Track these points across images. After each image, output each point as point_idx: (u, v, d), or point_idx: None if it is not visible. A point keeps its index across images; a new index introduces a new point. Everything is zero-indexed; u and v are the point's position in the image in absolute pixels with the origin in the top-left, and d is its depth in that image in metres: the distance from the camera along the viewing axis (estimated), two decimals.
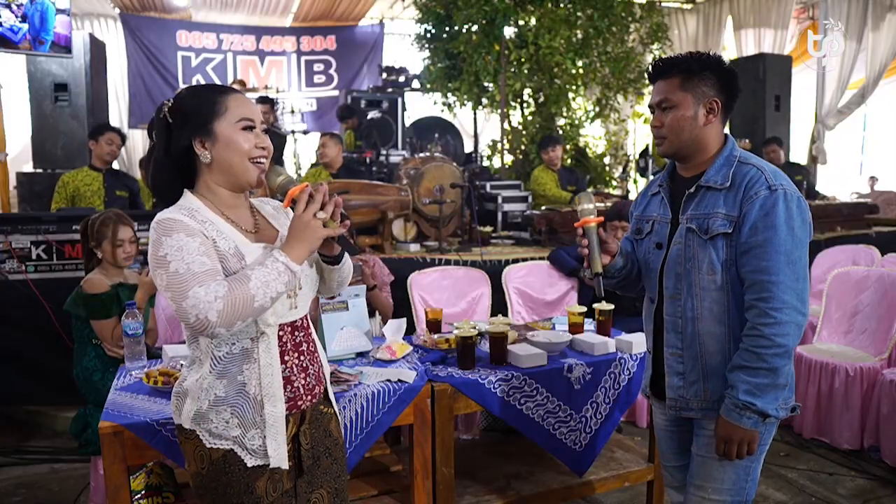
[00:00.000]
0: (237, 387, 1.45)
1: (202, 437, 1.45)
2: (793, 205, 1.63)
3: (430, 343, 2.65)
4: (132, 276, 2.88)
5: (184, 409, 1.47)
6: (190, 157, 1.49)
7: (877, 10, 7.61)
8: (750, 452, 1.67)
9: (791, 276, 1.61)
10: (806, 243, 1.66)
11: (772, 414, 1.64)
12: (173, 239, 1.37)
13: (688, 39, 9.88)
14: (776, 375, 1.62)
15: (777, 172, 1.69)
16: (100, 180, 4.38)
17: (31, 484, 3.17)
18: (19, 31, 4.64)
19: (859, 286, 3.73)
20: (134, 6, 9.31)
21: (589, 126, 7.96)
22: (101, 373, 2.74)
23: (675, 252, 1.77)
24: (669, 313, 1.79)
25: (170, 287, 1.35)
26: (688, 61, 1.71)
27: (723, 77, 1.73)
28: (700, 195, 1.74)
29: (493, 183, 6.07)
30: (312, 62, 10.22)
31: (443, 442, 2.30)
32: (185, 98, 1.49)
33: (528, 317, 3.91)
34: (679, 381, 1.79)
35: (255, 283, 1.36)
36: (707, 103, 1.72)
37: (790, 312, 1.60)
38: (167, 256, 1.36)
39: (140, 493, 2.24)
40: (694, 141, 1.74)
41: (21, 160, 7.85)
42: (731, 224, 1.67)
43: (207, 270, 1.36)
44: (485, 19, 7.01)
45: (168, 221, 1.40)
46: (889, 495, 3.01)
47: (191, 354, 1.50)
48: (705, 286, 1.72)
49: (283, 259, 1.40)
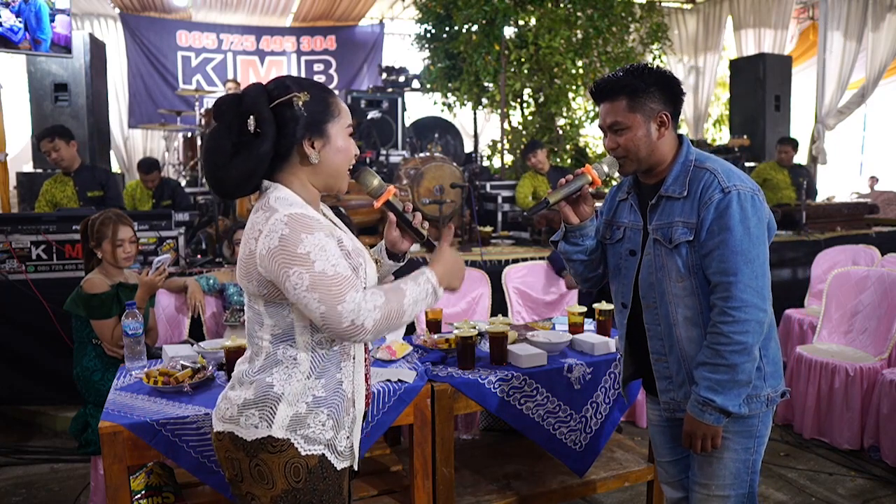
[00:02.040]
0: (335, 385, 1.44)
1: (297, 444, 1.38)
2: (747, 204, 1.65)
3: (430, 343, 2.65)
4: (132, 276, 2.88)
5: (277, 417, 1.38)
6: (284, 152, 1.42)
7: (877, 10, 7.60)
8: (714, 447, 1.71)
9: (749, 275, 1.63)
10: (764, 240, 1.68)
11: (732, 410, 1.66)
12: (315, 237, 1.33)
13: (688, 39, 9.88)
14: (735, 372, 1.64)
15: (731, 172, 1.71)
16: (70, 185, 4.31)
17: (31, 484, 3.17)
18: (19, 31, 4.64)
19: (859, 286, 3.73)
20: (134, 6, 9.31)
21: (589, 126, 7.96)
22: (101, 373, 2.74)
23: (646, 262, 1.81)
24: (649, 321, 1.83)
25: (317, 287, 1.30)
26: (632, 81, 1.72)
27: (666, 88, 1.73)
28: (661, 205, 1.77)
29: (493, 183, 6.08)
30: (312, 62, 10.23)
31: (443, 442, 2.30)
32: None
33: (528, 317, 3.91)
34: (668, 385, 1.83)
35: (408, 300, 1.39)
36: (657, 118, 1.73)
37: (749, 310, 1.63)
38: (311, 255, 1.31)
39: (140, 493, 2.24)
40: (651, 155, 1.76)
41: (21, 160, 7.86)
42: (692, 231, 1.70)
43: (352, 276, 1.35)
44: (485, 19, 7.01)
45: (305, 218, 1.34)
46: (889, 495, 3.01)
47: (273, 356, 1.42)
48: (677, 293, 1.75)
49: (434, 282, 1.44)
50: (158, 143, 9.26)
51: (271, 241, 1.32)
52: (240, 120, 1.38)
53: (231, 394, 1.44)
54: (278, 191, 1.42)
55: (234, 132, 1.38)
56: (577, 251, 1.94)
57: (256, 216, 1.39)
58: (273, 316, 1.41)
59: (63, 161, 4.25)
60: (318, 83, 1.47)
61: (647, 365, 1.89)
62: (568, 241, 1.94)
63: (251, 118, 1.37)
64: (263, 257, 1.34)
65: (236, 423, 1.40)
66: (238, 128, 1.38)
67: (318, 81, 1.50)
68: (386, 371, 2.32)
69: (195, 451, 1.95)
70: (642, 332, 1.85)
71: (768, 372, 1.74)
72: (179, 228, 4.16)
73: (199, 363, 2.32)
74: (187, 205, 5.53)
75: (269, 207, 1.38)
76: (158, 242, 3.99)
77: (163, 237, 4.00)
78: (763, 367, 1.73)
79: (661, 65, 8.98)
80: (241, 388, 1.43)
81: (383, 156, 6.80)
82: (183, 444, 1.94)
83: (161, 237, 4.00)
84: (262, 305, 1.41)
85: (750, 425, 1.75)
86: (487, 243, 5.01)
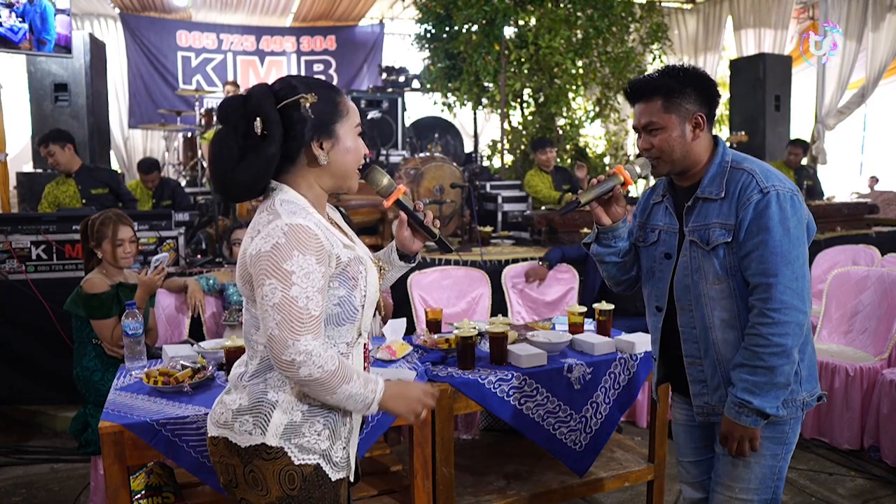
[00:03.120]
0: None
1: (290, 453, 1.36)
2: (786, 204, 1.63)
3: (430, 343, 2.65)
4: (132, 275, 2.88)
5: (271, 424, 1.36)
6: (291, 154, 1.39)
7: (877, 10, 7.61)
8: (753, 449, 1.69)
9: (789, 276, 1.61)
10: (803, 241, 1.66)
11: (770, 413, 1.64)
12: (305, 259, 1.30)
13: (688, 39, 9.88)
14: (774, 374, 1.62)
15: (769, 172, 1.69)
16: (73, 186, 4.33)
17: (31, 484, 3.17)
18: (19, 31, 4.64)
19: (859, 286, 3.72)
20: (134, 6, 9.31)
21: (589, 126, 7.96)
22: (101, 373, 2.74)
23: (682, 264, 1.78)
24: (683, 325, 1.80)
25: (281, 310, 1.28)
26: (667, 82, 1.71)
27: (702, 89, 1.72)
28: (698, 207, 1.75)
29: (493, 183, 6.09)
30: (312, 62, 10.23)
31: (443, 442, 2.30)
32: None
33: (528, 317, 3.91)
34: (703, 389, 1.80)
35: (347, 390, 1.34)
36: (692, 119, 1.72)
37: (789, 312, 1.61)
38: (293, 276, 1.28)
39: (140, 493, 2.24)
40: (686, 157, 1.74)
41: (21, 160, 7.87)
42: (730, 232, 1.68)
43: (318, 317, 1.31)
44: (485, 19, 7.01)
45: (305, 233, 1.31)
46: (889, 495, 3.01)
47: (267, 360, 1.39)
48: (713, 296, 1.73)
49: (378, 398, 1.39)
50: (158, 143, 9.26)
51: (264, 245, 1.30)
52: (245, 122, 1.35)
53: (226, 398, 1.42)
54: (284, 193, 1.39)
55: (240, 135, 1.35)
56: (609, 253, 1.93)
57: (260, 216, 1.37)
58: None
59: (60, 165, 4.29)
60: (326, 82, 1.45)
61: (676, 368, 1.87)
62: (600, 243, 1.93)
63: (257, 120, 1.34)
64: (252, 256, 1.32)
65: (230, 429, 1.38)
66: (244, 130, 1.35)
67: (325, 81, 1.47)
68: (386, 371, 2.32)
69: (195, 451, 1.95)
70: (675, 336, 1.83)
71: (804, 376, 1.72)
72: (179, 228, 4.16)
73: (199, 363, 2.32)
74: (187, 205, 5.53)
75: (273, 210, 1.35)
76: (158, 242, 3.99)
77: (163, 237, 4.01)
78: (800, 371, 1.71)
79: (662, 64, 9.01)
80: (236, 393, 1.41)
81: (383, 156, 6.80)
82: (183, 444, 1.94)
83: (161, 237, 4.00)
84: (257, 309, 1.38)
85: (781, 432, 1.73)
86: (487, 243, 5.01)
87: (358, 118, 1.46)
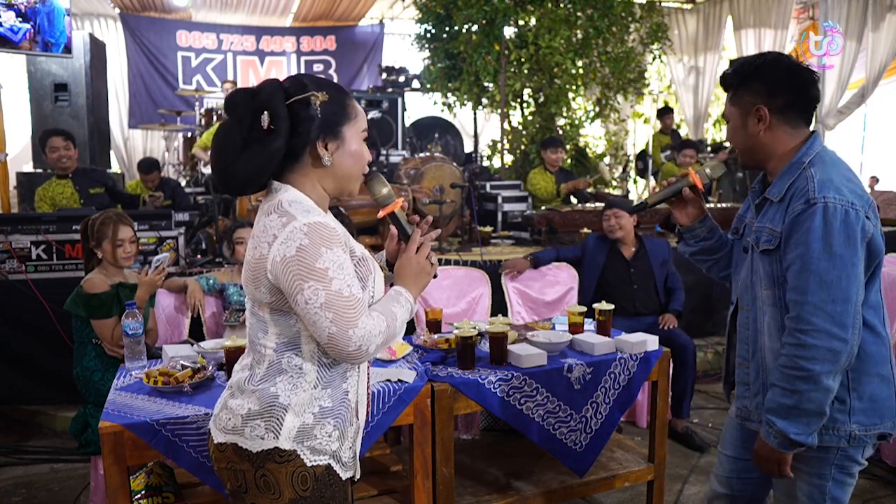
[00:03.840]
0: (341, 396, 1.41)
1: (303, 455, 1.35)
2: (834, 220, 1.50)
3: (430, 343, 2.65)
4: (132, 275, 2.88)
5: (283, 428, 1.34)
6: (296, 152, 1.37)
7: (877, 10, 7.60)
8: (781, 474, 1.61)
9: (823, 298, 1.50)
10: (851, 261, 1.51)
11: (795, 439, 1.54)
12: (334, 253, 1.30)
13: (688, 39, 9.87)
14: (800, 399, 1.53)
15: (828, 182, 1.55)
16: (70, 186, 4.34)
17: (31, 484, 3.17)
18: (19, 31, 4.64)
19: None
20: (134, 6, 9.31)
21: (589, 126, 7.96)
22: (101, 373, 2.74)
23: (747, 263, 1.76)
24: (740, 324, 1.79)
25: (332, 307, 1.28)
26: (733, 75, 1.71)
27: (771, 81, 1.64)
28: (766, 206, 1.71)
29: (493, 183, 6.09)
30: (312, 62, 10.23)
31: (443, 442, 2.30)
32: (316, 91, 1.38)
33: (528, 317, 3.91)
34: (745, 392, 1.77)
35: (399, 322, 1.40)
36: (755, 112, 1.66)
37: (818, 336, 1.50)
38: (329, 272, 1.28)
39: (140, 493, 2.24)
40: (754, 150, 1.71)
41: (21, 160, 7.86)
42: (776, 240, 1.62)
43: (363, 299, 1.35)
44: (485, 19, 7.01)
45: (326, 229, 1.31)
46: (889, 495, 3.01)
47: (276, 365, 1.38)
48: (765, 300, 1.68)
49: (412, 301, 1.46)
50: (158, 143, 9.26)
51: (287, 250, 1.28)
52: (252, 115, 1.33)
53: (232, 403, 1.39)
54: (289, 193, 1.37)
55: (246, 127, 1.34)
56: (692, 251, 1.97)
57: (270, 219, 1.33)
58: (279, 324, 1.37)
59: (68, 161, 4.31)
60: (336, 84, 1.44)
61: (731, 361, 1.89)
62: (684, 243, 1.98)
63: (265, 114, 1.32)
64: (276, 264, 1.29)
65: (241, 434, 1.35)
66: (250, 123, 1.33)
67: (335, 82, 1.46)
68: (386, 371, 2.32)
69: (195, 451, 1.95)
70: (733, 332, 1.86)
71: (856, 407, 1.60)
72: (179, 228, 4.16)
73: (199, 363, 2.32)
74: (187, 205, 5.53)
75: (283, 211, 1.33)
76: (158, 242, 3.99)
77: (163, 237, 4.01)
78: (849, 401, 1.60)
79: (662, 64, 8.96)
80: (243, 398, 1.38)
81: (383, 156, 6.80)
82: (183, 444, 1.94)
83: (161, 237, 4.00)
84: (268, 313, 1.37)
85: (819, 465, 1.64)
86: (487, 243, 5.01)
87: (365, 123, 1.45)
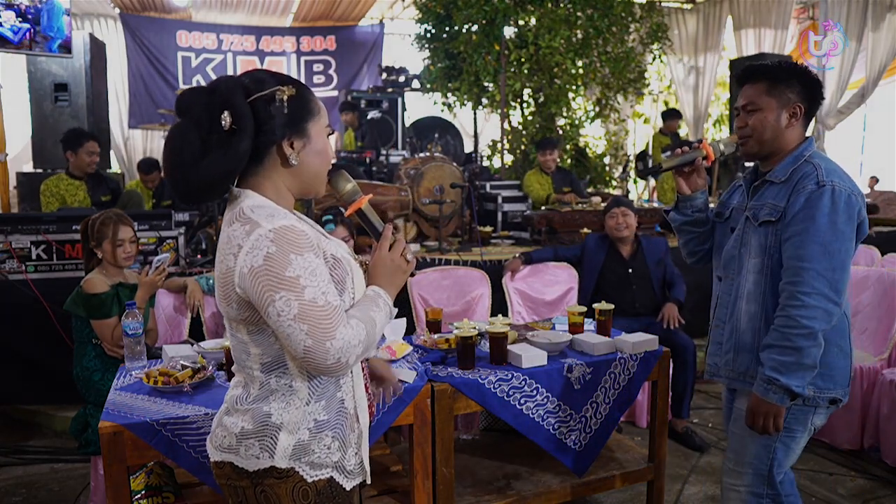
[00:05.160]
0: (337, 405, 1.34)
1: (302, 472, 1.29)
2: (840, 200, 1.71)
3: (430, 343, 2.65)
4: (132, 276, 2.88)
5: (278, 447, 1.28)
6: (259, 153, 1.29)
7: (877, 10, 7.60)
8: (776, 428, 1.77)
9: (825, 266, 1.70)
10: (849, 238, 1.73)
11: (797, 391, 1.72)
12: (305, 259, 1.21)
13: (688, 39, 9.87)
14: (801, 355, 1.71)
15: (834, 171, 1.77)
16: (83, 189, 4.31)
17: (31, 484, 3.17)
18: (19, 31, 4.64)
19: (859, 286, 3.72)
20: (134, 6, 9.31)
21: (589, 126, 7.96)
22: (101, 373, 2.74)
23: (734, 237, 1.93)
24: (722, 291, 1.97)
25: (306, 318, 1.19)
26: (776, 69, 1.83)
27: (807, 85, 1.84)
28: (763, 188, 1.88)
29: (493, 183, 6.08)
30: (312, 62, 10.23)
31: (443, 442, 2.30)
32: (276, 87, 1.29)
33: (528, 317, 3.91)
34: (717, 350, 1.97)
35: (378, 328, 1.32)
36: (791, 108, 1.83)
37: (818, 298, 1.70)
38: (300, 280, 1.19)
39: (140, 493, 2.25)
40: (774, 142, 1.86)
41: (21, 160, 7.86)
42: (778, 213, 1.80)
43: (340, 307, 1.25)
44: (485, 19, 7.01)
45: (294, 233, 1.22)
46: (889, 495, 3.01)
47: (266, 385, 1.31)
48: (750, 268, 1.87)
49: (391, 302, 1.37)
50: (158, 143, 9.26)
51: (254, 260, 1.20)
52: (209, 115, 1.24)
53: (227, 421, 1.33)
54: (251, 198, 1.28)
55: (204, 129, 1.24)
56: (684, 220, 2.10)
57: (233, 229, 1.24)
58: (259, 344, 1.29)
59: (94, 165, 4.29)
60: (295, 79, 1.35)
61: None
62: (679, 211, 2.10)
63: (226, 113, 1.23)
64: (244, 276, 1.21)
65: (236, 453, 1.30)
66: (209, 124, 1.24)
67: (293, 77, 1.37)
68: None
69: (195, 451, 1.95)
70: None
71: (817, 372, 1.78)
72: (179, 228, 4.16)
73: (199, 363, 2.32)
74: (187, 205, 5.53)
75: (246, 218, 1.24)
76: (158, 242, 3.99)
77: (163, 237, 4.00)
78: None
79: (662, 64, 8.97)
80: (237, 416, 1.32)
81: (383, 156, 6.80)
82: (183, 444, 1.94)
83: (161, 237, 4.00)
84: (246, 333, 1.30)
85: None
86: (487, 243, 5.01)
87: (327, 119, 1.38)
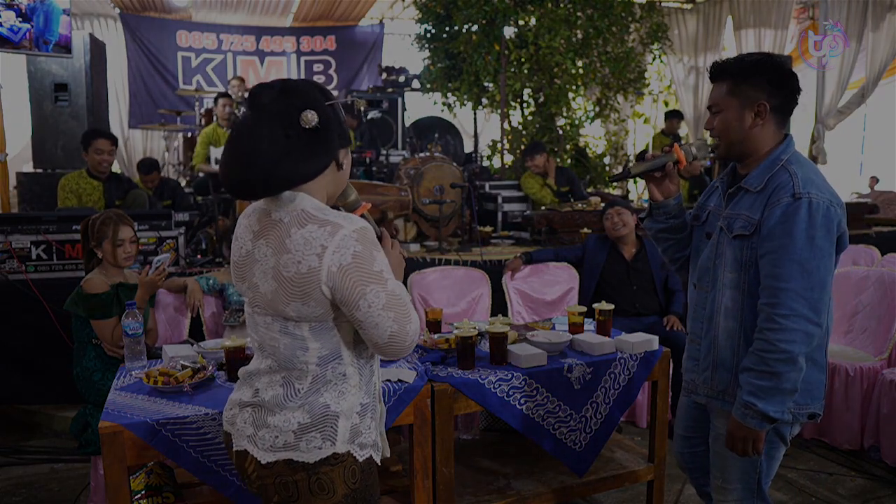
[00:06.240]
0: (373, 388, 1.47)
1: (354, 453, 1.40)
2: (818, 214, 1.62)
3: (430, 343, 2.65)
4: (132, 276, 2.88)
5: (339, 434, 1.37)
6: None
7: (877, 10, 7.59)
8: (756, 452, 1.72)
9: (804, 285, 1.61)
10: (828, 253, 1.65)
11: (774, 416, 1.66)
12: (381, 255, 1.34)
13: (688, 39, 9.87)
14: (780, 380, 1.64)
15: (811, 180, 1.68)
16: (100, 190, 4.30)
17: (31, 484, 3.17)
18: (19, 31, 4.64)
19: (859, 286, 3.72)
20: (134, 6, 9.31)
21: (589, 126, 7.96)
22: (101, 373, 2.74)
23: (709, 246, 1.85)
24: (696, 302, 1.89)
25: (392, 306, 1.31)
26: (739, 66, 1.75)
27: (775, 80, 1.73)
28: (739, 195, 1.80)
29: (493, 183, 6.08)
30: (312, 62, 10.23)
31: (443, 442, 2.30)
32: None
33: (528, 317, 3.91)
34: (693, 366, 1.90)
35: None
36: (755, 107, 1.74)
37: (797, 320, 1.62)
38: (384, 273, 1.32)
39: (140, 493, 2.24)
40: (743, 143, 1.77)
41: (21, 160, 7.86)
42: (752, 227, 1.71)
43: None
44: (485, 19, 7.01)
45: (371, 233, 1.34)
46: (889, 495, 3.01)
47: (321, 377, 1.38)
48: (726, 283, 1.79)
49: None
50: (158, 143, 9.26)
51: (343, 258, 1.28)
52: (290, 113, 1.30)
53: (275, 420, 1.36)
54: (309, 200, 1.35)
55: (286, 125, 1.30)
56: (660, 228, 2.00)
57: (308, 230, 1.30)
58: (320, 338, 1.37)
59: (109, 166, 4.26)
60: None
61: None
62: (653, 218, 2.00)
63: (311, 112, 1.30)
64: (333, 274, 1.28)
65: (295, 449, 1.35)
66: (288, 121, 1.30)
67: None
68: (386, 371, 2.32)
69: (195, 451, 1.95)
70: None
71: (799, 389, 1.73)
72: (179, 228, 4.16)
73: (199, 363, 2.32)
74: (187, 205, 5.53)
75: (322, 220, 1.30)
76: (158, 242, 3.99)
77: (163, 237, 4.00)
78: None
79: (662, 64, 8.95)
80: (288, 413, 1.36)
81: (383, 156, 6.79)
82: (183, 444, 1.94)
83: (161, 237, 4.00)
84: (307, 330, 1.35)
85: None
86: (487, 243, 5.01)
87: None
